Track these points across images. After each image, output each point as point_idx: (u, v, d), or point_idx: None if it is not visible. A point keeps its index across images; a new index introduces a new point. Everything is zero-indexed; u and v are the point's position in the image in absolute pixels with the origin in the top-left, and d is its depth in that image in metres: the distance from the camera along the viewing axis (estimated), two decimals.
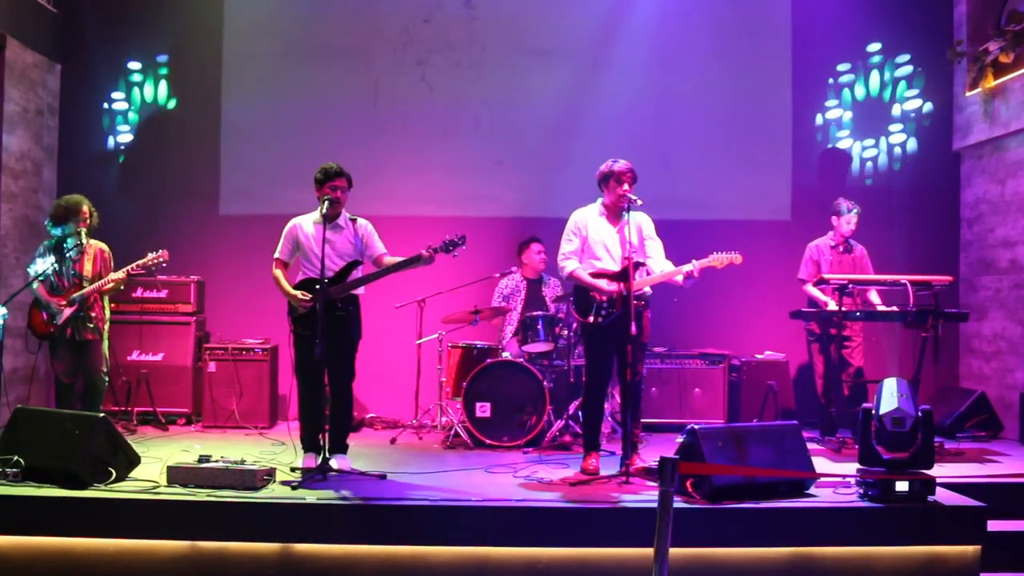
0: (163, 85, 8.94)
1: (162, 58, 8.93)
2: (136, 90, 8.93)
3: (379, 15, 8.92)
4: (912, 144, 8.86)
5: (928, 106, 8.82)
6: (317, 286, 5.84)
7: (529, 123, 8.86)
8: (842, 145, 8.95)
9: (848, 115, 8.94)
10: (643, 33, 8.87)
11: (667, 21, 8.88)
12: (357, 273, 6.08)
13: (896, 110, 8.89)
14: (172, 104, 8.95)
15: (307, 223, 6.19)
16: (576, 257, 6.15)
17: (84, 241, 6.81)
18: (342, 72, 8.89)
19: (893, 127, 8.89)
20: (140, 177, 8.89)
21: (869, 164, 8.92)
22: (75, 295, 6.77)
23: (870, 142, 8.92)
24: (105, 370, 7.00)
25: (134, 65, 8.92)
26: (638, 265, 5.96)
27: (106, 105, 8.90)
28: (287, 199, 7.64)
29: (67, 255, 6.82)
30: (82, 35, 8.85)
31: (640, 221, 6.19)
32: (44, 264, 6.80)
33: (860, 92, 8.93)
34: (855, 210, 7.50)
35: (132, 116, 8.93)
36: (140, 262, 6.86)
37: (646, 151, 8.28)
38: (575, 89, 8.86)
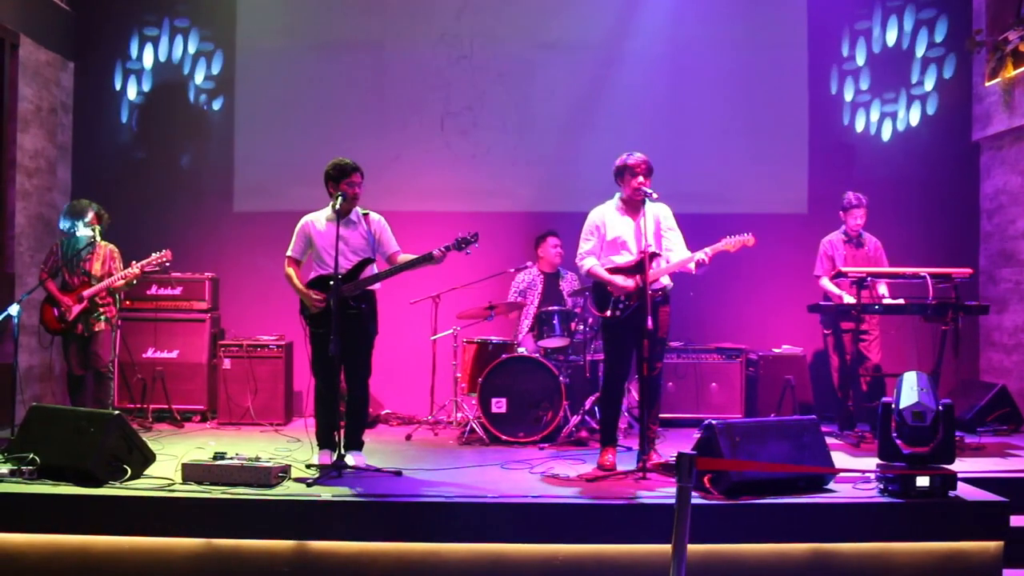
0: (176, 81, 8.93)
1: (175, 55, 8.92)
2: (149, 87, 8.93)
3: (392, 9, 8.90)
4: (930, 135, 8.77)
5: (947, 97, 8.72)
6: (331, 283, 5.80)
7: (544, 117, 8.83)
8: (859, 137, 8.86)
9: (865, 107, 8.84)
10: (658, 25, 8.84)
11: (682, 13, 8.84)
12: (371, 270, 6.05)
13: (915, 100, 8.80)
14: (185, 100, 8.94)
15: (319, 220, 6.15)
16: (594, 255, 6.12)
17: (97, 239, 7.10)
18: (355, 67, 8.87)
19: (913, 119, 8.79)
20: (154, 174, 8.89)
21: (887, 156, 8.82)
22: (83, 292, 6.96)
23: (888, 134, 8.83)
24: (110, 361, 7.09)
25: (147, 62, 8.92)
26: (654, 256, 5.92)
27: (119, 102, 8.89)
28: (301, 195, 7.60)
29: (76, 255, 7.02)
30: (95, 33, 8.86)
31: (658, 212, 6.13)
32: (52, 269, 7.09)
33: (877, 84, 8.83)
34: (862, 204, 7.45)
35: (145, 113, 8.92)
36: (144, 263, 7.01)
37: (661, 144, 8.24)
38: (590, 82, 8.83)
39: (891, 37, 8.83)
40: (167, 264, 7.09)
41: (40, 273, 7.13)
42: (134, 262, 7.04)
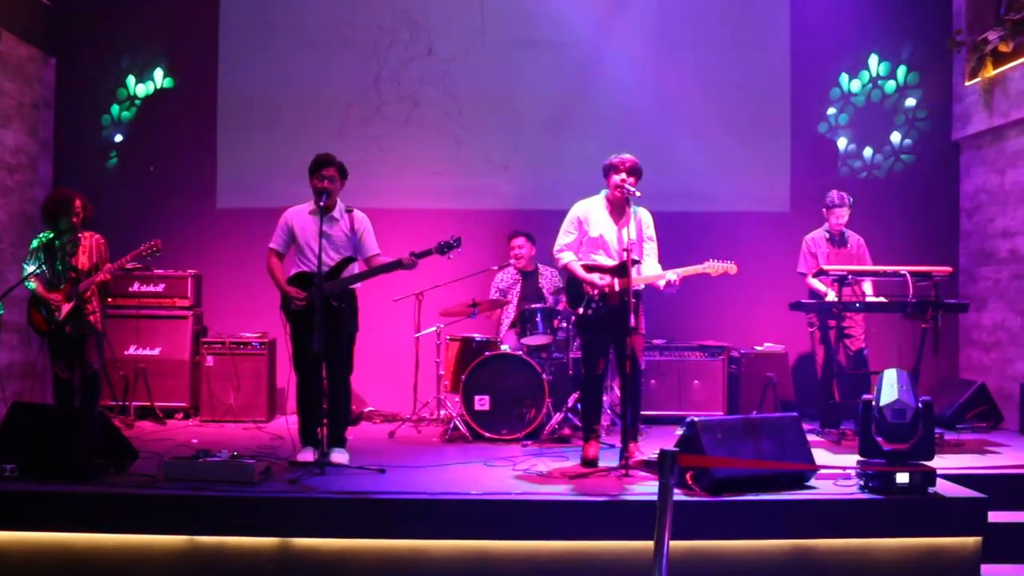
0: (159, 77, 8.88)
1: (158, 50, 8.87)
2: (131, 83, 8.88)
3: (377, 7, 8.87)
4: (911, 135, 8.83)
5: (927, 96, 8.79)
6: (314, 280, 5.80)
7: (528, 115, 8.83)
8: (842, 137, 8.91)
9: (848, 107, 8.88)
10: (642, 24, 8.86)
11: (666, 12, 8.85)
12: (353, 268, 6.05)
13: (896, 100, 8.85)
14: (168, 97, 8.89)
15: (302, 214, 6.15)
16: (572, 250, 6.11)
17: (78, 234, 6.73)
18: (339, 65, 8.85)
19: (893, 118, 8.84)
20: (137, 171, 8.84)
21: (868, 155, 8.87)
22: (71, 291, 6.64)
23: (869, 132, 8.87)
24: (99, 364, 6.93)
25: (129, 58, 8.86)
26: (634, 263, 5.93)
27: (101, 98, 8.84)
28: (284, 193, 7.58)
29: (61, 250, 6.70)
30: (76, 28, 8.80)
31: (642, 218, 6.14)
32: (32, 267, 6.67)
33: (858, 83, 8.88)
34: (845, 203, 7.49)
35: (128, 109, 8.88)
36: (133, 253, 6.72)
37: (645, 142, 8.22)
38: (574, 81, 8.84)
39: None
40: (158, 253, 6.75)
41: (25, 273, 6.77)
42: (130, 255, 6.70)
